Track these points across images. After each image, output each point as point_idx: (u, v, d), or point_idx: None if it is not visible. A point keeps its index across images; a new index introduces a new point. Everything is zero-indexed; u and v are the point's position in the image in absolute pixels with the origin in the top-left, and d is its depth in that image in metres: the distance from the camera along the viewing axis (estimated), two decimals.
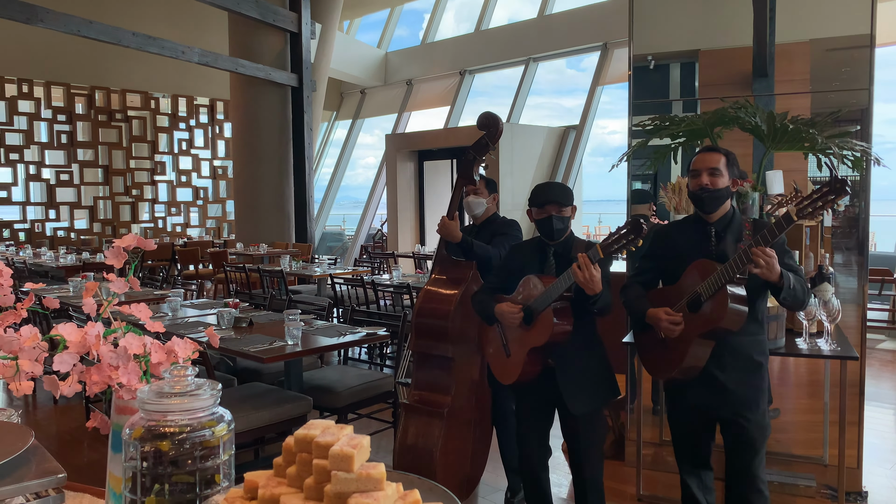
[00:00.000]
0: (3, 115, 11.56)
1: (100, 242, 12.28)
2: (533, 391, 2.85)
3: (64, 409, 5.22)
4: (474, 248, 3.31)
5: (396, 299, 6.42)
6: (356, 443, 0.76)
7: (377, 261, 10.44)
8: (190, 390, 0.94)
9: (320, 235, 14.56)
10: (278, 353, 3.47)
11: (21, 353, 1.11)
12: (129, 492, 0.92)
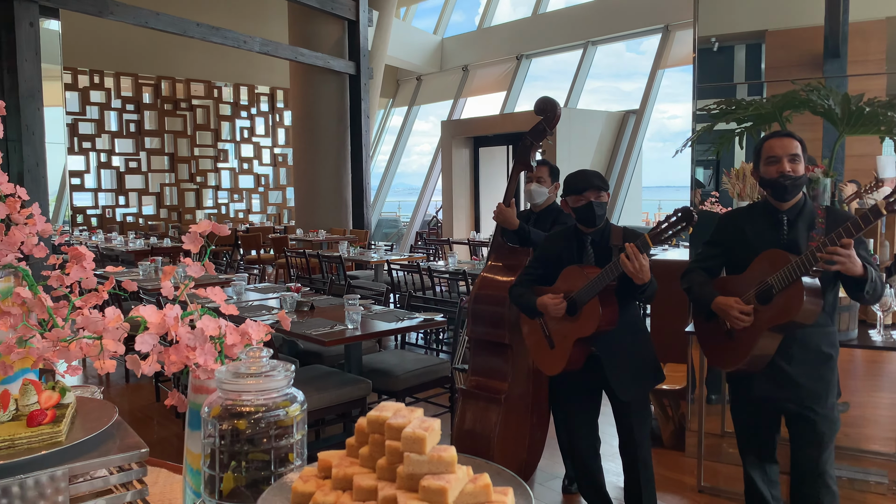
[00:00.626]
0: (77, 105, 12.06)
1: (166, 228, 12.72)
2: (579, 380, 2.85)
3: (135, 387, 5.46)
4: (531, 236, 3.29)
5: (452, 286, 6.44)
6: (427, 426, 0.78)
7: (432, 247, 10.50)
8: (265, 371, 0.98)
9: (376, 222, 14.73)
10: (339, 337, 3.54)
11: (105, 334, 1.17)
12: (207, 467, 0.96)
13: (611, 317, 2.66)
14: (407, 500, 0.73)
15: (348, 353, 3.99)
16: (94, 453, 1.03)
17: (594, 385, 2.82)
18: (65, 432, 1.03)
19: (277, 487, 0.86)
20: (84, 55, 11.87)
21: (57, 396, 1.09)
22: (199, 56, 12.85)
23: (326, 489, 0.81)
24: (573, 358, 2.75)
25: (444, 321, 4.02)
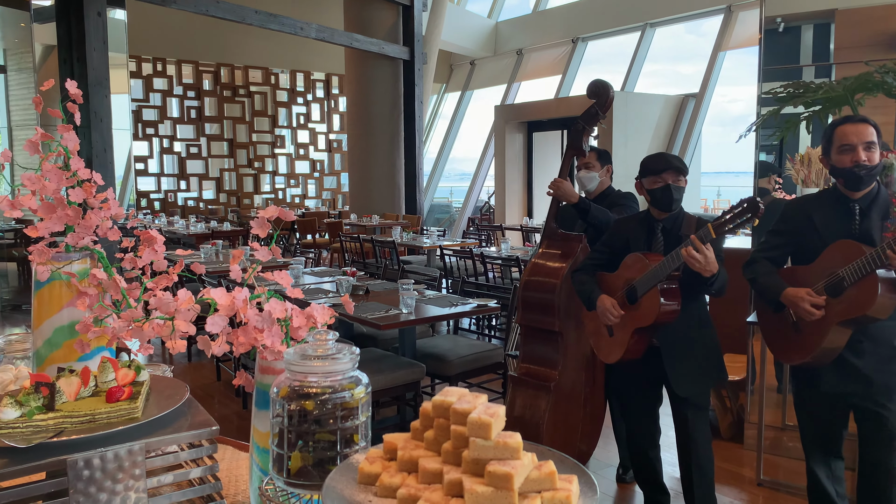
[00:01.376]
0: (141, 92, 12.44)
1: (225, 212, 13.05)
2: (638, 370, 2.80)
3: (196, 366, 5.64)
4: (591, 210, 3.21)
5: (505, 272, 6.43)
6: (493, 412, 0.78)
7: (484, 233, 10.48)
8: (331, 354, 1.00)
9: (428, 207, 14.78)
10: (394, 321, 3.58)
11: (177, 314, 1.21)
12: (276, 446, 0.99)
13: (671, 309, 2.59)
14: (472, 484, 0.74)
15: (402, 337, 4.04)
16: (168, 429, 1.07)
17: (654, 376, 2.76)
18: (141, 409, 1.08)
19: (344, 467, 0.88)
20: (148, 43, 12.22)
21: (132, 374, 1.14)
22: (257, 43, 13.07)
23: (392, 471, 0.83)
24: (631, 347, 2.71)
25: (497, 307, 4.02)
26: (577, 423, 3.26)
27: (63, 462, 0.97)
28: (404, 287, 3.93)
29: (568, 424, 3.24)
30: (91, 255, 1.54)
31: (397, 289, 4.25)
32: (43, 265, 1.49)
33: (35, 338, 1.59)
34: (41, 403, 1.03)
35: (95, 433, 1.00)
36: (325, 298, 4.15)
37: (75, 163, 1.49)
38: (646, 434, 2.87)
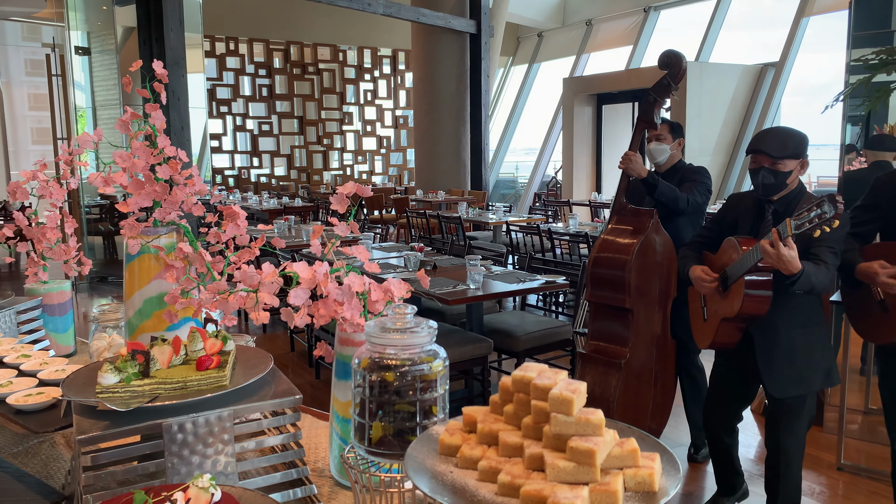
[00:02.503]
0: (215, 71, 12.79)
1: (296, 188, 13.34)
2: (734, 361, 2.62)
3: (271, 336, 5.84)
4: (659, 187, 3.13)
5: (573, 248, 6.35)
6: (574, 388, 0.78)
7: (551, 209, 10.37)
8: (409, 327, 1.01)
9: (494, 182, 14.71)
10: (461, 296, 3.60)
11: (261, 287, 1.25)
12: (357, 415, 1.02)
13: (757, 301, 2.37)
14: (554, 459, 0.74)
15: (470, 312, 4.06)
16: (254, 397, 1.12)
17: (750, 371, 2.54)
18: (229, 377, 1.12)
19: (425, 438, 0.90)
20: (221, 23, 12.52)
21: (220, 344, 1.19)
22: (325, 20, 13.21)
23: (472, 443, 0.84)
24: (721, 336, 2.53)
25: (566, 284, 3.98)
26: (648, 400, 3.22)
27: (159, 426, 1.02)
28: (471, 263, 3.94)
29: (638, 402, 3.20)
30: (177, 229, 1.61)
31: (464, 264, 4.27)
32: (133, 239, 1.57)
33: (127, 308, 1.68)
34: (137, 370, 1.08)
35: (187, 399, 1.05)
36: (394, 273, 4.21)
37: (162, 140, 1.56)
38: (725, 422, 2.74)
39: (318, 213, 10.55)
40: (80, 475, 1.02)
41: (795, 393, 2.45)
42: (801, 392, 2.46)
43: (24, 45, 14.17)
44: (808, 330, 2.45)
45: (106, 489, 1.02)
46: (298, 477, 1.17)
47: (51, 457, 1.44)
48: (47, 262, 2.06)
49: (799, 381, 2.44)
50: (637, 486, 0.75)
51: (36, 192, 1.99)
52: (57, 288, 2.04)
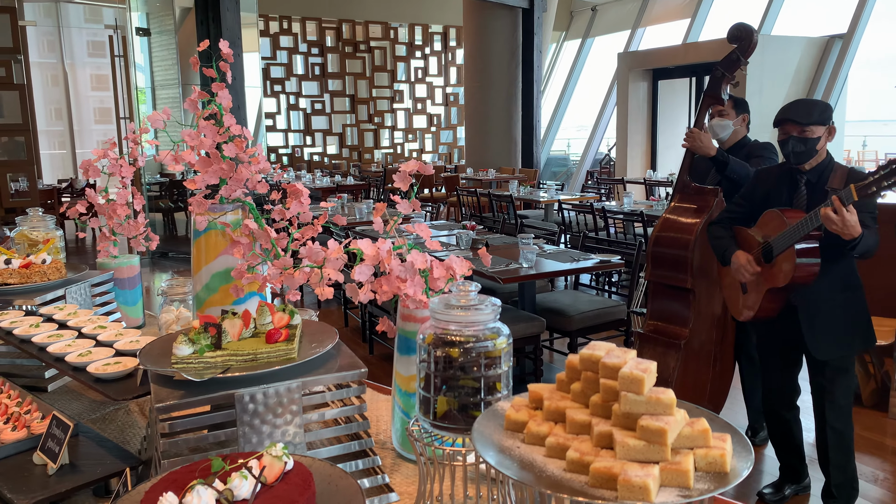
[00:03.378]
0: (269, 50, 12.95)
1: (348, 166, 13.47)
2: (776, 330, 2.66)
3: (325, 312, 5.95)
4: (731, 164, 3.05)
5: (627, 227, 6.26)
6: (645, 367, 0.78)
7: (604, 187, 10.22)
8: (473, 304, 1.02)
9: (545, 160, 14.55)
10: (514, 275, 3.60)
11: (326, 263, 1.28)
12: (422, 389, 1.03)
13: (808, 270, 2.43)
14: (623, 437, 0.74)
15: (522, 291, 4.05)
16: (321, 370, 1.14)
17: (792, 337, 2.61)
18: (296, 350, 1.15)
19: (490, 413, 0.91)
20: (274, 2, 12.64)
21: (287, 318, 1.22)
22: None
23: (539, 420, 0.84)
24: (764, 307, 2.59)
25: (621, 263, 3.93)
26: (706, 382, 3.17)
27: (231, 396, 1.06)
28: (524, 241, 3.92)
29: (697, 383, 3.16)
30: (243, 206, 1.65)
31: (516, 243, 4.25)
32: (201, 215, 1.62)
33: (194, 283, 1.73)
34: (210, 342, 1.12)
35: (258, 371, 1.08)
36: (445, 252, 4.23)
37: (228, 119, 1.59)
38: (782, 396, 2.74)
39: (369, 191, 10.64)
40: (158, 441, 1.07)
41: (839, 354, 2.54)
42: (843, 353, 2.55)
43: (87, 27, 14.60)
44: (847, 294, 2.53)
45: (179, 455, 1.07)
46: (362, 449, 1.20)
47: (126, 423, 1.51)
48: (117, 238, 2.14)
49: (842, 343, 2.54)
50: (708, 467, 0.74)
51: (107, 169, 2.06)
52: (127, 262, 2.12)
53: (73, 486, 1.14)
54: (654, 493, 0.69)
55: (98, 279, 1.95)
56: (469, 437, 1.00)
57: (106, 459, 1.22)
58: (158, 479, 0.91)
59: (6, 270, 1.79)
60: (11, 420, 1.31)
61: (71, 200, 10.46)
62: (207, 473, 0.87)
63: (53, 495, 1.12)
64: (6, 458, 1.24)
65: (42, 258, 1.86)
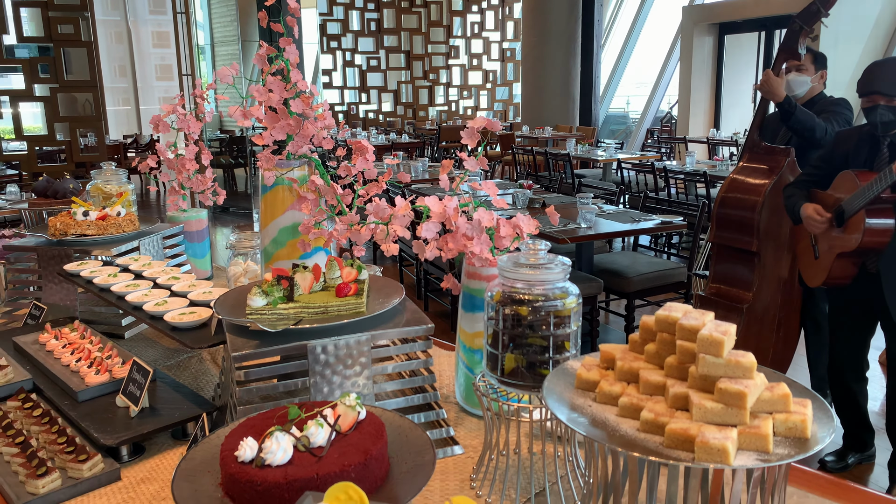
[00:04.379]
0: (325, 6, 12.91)
1: (402, 124, 13.45)
2: (849, 296, 2.58)
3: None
4: (796, 114, 2.92)
5: (689, 187, 6.09)
6: (724, 329, 0.76)
7: (665, 146, 9.95)
8: (542, 263, 1.02)
9: (604, 118, 14.20)
10: (573, 235, 3.56)
11: (393, 220, 1.29)
12: (489, 346, 1.04)
13: (879, 233, 2.34)
14: (701, 399, 0.73)
15: (580, 251, 4.01)
16: (389, 324, 1.16)
17: (867, 306, 2.52)
18: (365, 304, 1.17)
19: (560, 372, 0.91)
20: None
21: (355, 273, 1.24)
22: None
23: (611, 379, 0.84)
24: (835, 273, 2.50)
25: (683, 224, 3.84)
26: (769, 347, 3.10)
27: (304, 347, 1.09)
28: (583, 201, 3.87)
29: (759, 348, 3.09)
30: (308, 162, 1.67)
31: (574, 203, 4.19)
32: (269, 171, 1.64)
33: (262, 237, 1.77)
34: (282, 295, 1.15)
35: (329, 323, 1.11)
36: (502, 212, 4.20)
37: (295, 75, 1.60)
38: (853, 366, 2.66)
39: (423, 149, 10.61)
40: (234, 389, 1.11)
41: None
42: None
43: None
44: None
45: (251, 403, 1.11)
46: (426, 402, 1.22)
47: (200, 371, 1.57)
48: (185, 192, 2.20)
49: None
50: (788, 432, 0.73)
51: (176, 125, 2.10)
52: (195, 216, 2.18)
53: (154, 428, 1.20)
54: (733, 456, 0.68)
55: (169, 232, 2.01)
56: (536, 394, 1.01)
57: (183, 404, 1.28)
58: (237, 424, 0.95)
59: (84, 222, 1.86)
60: (95, 364, 1.38)
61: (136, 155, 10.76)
62: (284, 420, 0.90)
63: (136, 436, 1.18)
64: (91, 399, 1.31)
65: (117, 211, 1.92)
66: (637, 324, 3.97)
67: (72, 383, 1.33)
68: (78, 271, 1.65)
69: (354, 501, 0.71)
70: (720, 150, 8.37)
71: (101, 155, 7.26)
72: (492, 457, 1.06)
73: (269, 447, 0.83)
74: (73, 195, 2.63)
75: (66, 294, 1.82)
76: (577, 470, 1.03)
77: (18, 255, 1.89)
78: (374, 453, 0.86)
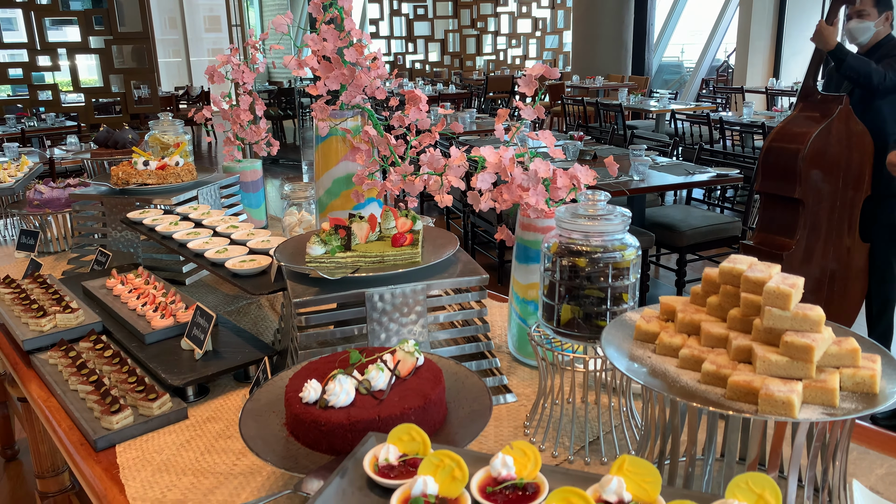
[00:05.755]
0: None
1: (449, 74, 13.28)
2: None
3: None
4: (847, 60, 2.80)
5: (746, 139, 5.89)
6: (792, 282, 0.74)
7: (721, 96, 9.61)
8: (602, 214, 1.00)
9: (657, 67, 13.75)
10: (626, 188, 3.50)
11: (448, 170, 1.28)
12: (545, 297, 1.04)
13: None
14: (765, 352, 0.72)
15: (631, 204, 3.94)
16: (444, 274, 1.17)
17: None
18: (420, 254, 1.18)
19: (618, 323, 0.91)
20: None
21: (410, 223, 1.25)
22: None
23: (671, 331, 0.83)
24: None
25: (739, 178, 3.73)
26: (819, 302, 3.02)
27: (361, 295, 1.11)
28: (635, 153, 3.79)
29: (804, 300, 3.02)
30: (362, 112, 1.67)
31: (626, 154, 4.11)
32: (323, 121, 1.65)
33: (317, 187, 1.79)
34: (340, 244, 1.17)
35: (385, 272, 1.12)
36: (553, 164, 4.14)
37: (349, 23, 1.59)
38: None
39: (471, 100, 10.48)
40: (295, 334, 1.14)
41: None
42: None
43: None
44: None
45: (309, 348, 1.14)
46: (479, 351, 1.23)
47: (259, 317, 1.62)
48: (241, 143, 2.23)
49: None
50: (855, 387, 0.71)
51: (230, 75, 2.12)
52: (250, 166, 2.22)
53: (218, 370, 1.25)
54: (797, 409, 0.67)
55: (226, 181, 2.05)
56: (591, 345, 1.01)
57: (244, 348, 1.32)
58: (300, 367, 0.98)
59: (144, 171, 1.91)
60: (159, 309, 1.43)
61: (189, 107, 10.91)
62: (346, 364, 0.92)
63: (201, 377, 1.23)
64: (157, 342, 1.36)
65: (175, 160, 1.97)
66: (688, 278, 3.93)
67: (139, 326, 1.38)
68: (140, 219, 1.70)
69: (417, 443, 0.74)
70: (779, 100, 8.05)
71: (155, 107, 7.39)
72: (545, 406, 1.08)
73: (333, 389, 0.85)
74: (133, 145, 2.69)
75: (129, 241, 1.89)
76: (632, 420, 1.04)
77: (83, 204, 1.96)
78: (432, 398, 0.88)
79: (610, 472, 0.65)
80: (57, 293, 1.55)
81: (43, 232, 2.16)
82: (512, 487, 0.67)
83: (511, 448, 0.70)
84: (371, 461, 0.74)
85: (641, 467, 0.64)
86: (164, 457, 1.06)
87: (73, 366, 1.28)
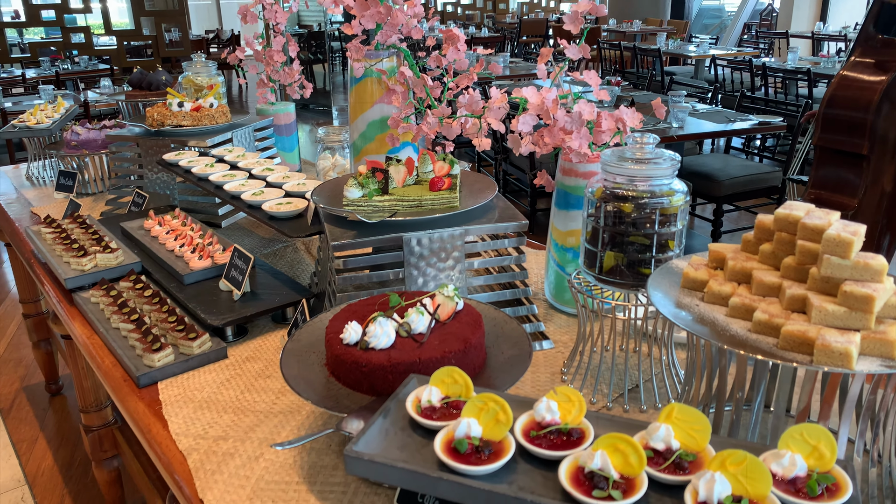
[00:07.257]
0: None
1: (481, 17, 12.96)
2: None
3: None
4: None
5: (788, 86, 5.69)
6: (854, 230, 0.71)
7: (764, 41, 9.24)
8: (650, 158, 0.97)
9: (697, 10, 13.24)
10: (663, 135, 3.41)
11: (488, 113, 1.25)
12: (588, 243, 1.02)
13: None
14: (822, 302, 0.70)
15: None
16: (483, 219, 1.15)
17: None
18: (458, 198, 1.16)
19: (665, 270, 0.89)
20: None
21: (447, 167, 1.22)
22: None
23: (720, 279, 0.81)
24: None
25: (783, 126, 3.61)
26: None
27: (399, 239, 1.10)
28: (675, 99, 3.68)
29: None
30: (398, 53, 1.62)
31: (664, 101, 3.99)
32: (358, 62, 1.61)
33: (351, 131, 1.77)
34: (377, 187, 1.15)
35: (423, 217, 1.11)
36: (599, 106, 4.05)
37: None
38: None
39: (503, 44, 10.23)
40: (333, 277, 1.14)
41: None
42: None
43: None
44: None
45: (346, 292, 1.14)
46: (516, 297, 1.22)
47: (295, 260, 1.62)
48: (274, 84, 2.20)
49: None
50: None
51: (263, 15, 2.08)
52: (283, 109, 2.19)
53: (256, 311, 1.26)
54: (855, 361, 0.65)
55: (260, 124, 2.03)
56: (634, 292, 0.99)
57: (282, 290, 1.33)
58: (339, 309, 0.98)
59: (179, 113, 1.90)
60: (197, 250, 1.44)
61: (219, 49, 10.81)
62: (386, 307, 0.92)
63: (240, 318, 1.24)
64: (196, 283, 1.38)
65: (209, 102, 1.95)
66: (724, 229, 3.85)
67: (178, 267, 1.40)
68: (176, 161, 1.70)
69: (460, 385, 0.73)
70: (826, 45, 7.72)
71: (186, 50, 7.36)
72: (583, 353, 1.07)
73: (373, 331, 0.85)
74: (167, 87, 2.68)
75: (165, 183, 1.90)
76: (673, 369, 1.03)
77: (120, 145, 1.96)
78: (472, 342, 0.88)
79: (658, 420, 0.64)
80: (97, 233, 1.57)
81: (80, 173, 2.18)
82: (556, 432, 0.67)
83: (555, 393, 0.70)
84: (413, 402, 0.74)
85: (690, 415, 0.63)
86: (205, 394, 1.08)
87: (115, 304, 1.30)
